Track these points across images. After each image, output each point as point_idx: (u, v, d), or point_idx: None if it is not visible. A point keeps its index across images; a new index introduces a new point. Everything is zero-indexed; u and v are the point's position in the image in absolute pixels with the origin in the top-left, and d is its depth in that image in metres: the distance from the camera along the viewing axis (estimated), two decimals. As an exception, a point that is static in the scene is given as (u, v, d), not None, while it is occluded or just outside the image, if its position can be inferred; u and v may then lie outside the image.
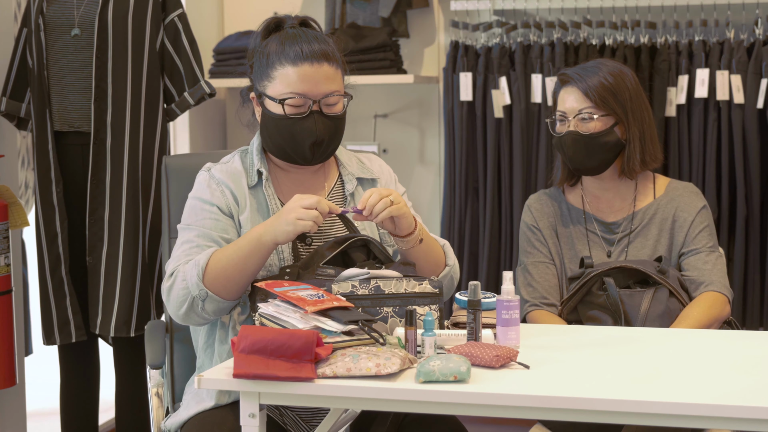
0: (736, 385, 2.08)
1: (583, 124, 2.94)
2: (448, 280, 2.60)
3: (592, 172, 2.98)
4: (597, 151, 2.94)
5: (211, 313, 2.44)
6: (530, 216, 3.06)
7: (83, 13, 3.50)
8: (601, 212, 3.04)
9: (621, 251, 2.99)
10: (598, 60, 3.02)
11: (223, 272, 2.40)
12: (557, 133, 2.98)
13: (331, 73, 2.51)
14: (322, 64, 2.49)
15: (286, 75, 2.49)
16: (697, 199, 3.02)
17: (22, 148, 3.81)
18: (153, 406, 2.73)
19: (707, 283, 2.90)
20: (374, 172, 2.68)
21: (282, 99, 2.49)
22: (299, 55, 2.48)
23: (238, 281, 2.41)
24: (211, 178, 2.56)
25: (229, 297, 2.43)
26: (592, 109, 2.93)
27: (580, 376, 2.15)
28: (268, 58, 2.52)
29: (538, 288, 2.98)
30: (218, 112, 4.82)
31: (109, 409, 4.13)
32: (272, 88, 2.51)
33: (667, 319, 2.82)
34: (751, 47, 4.09)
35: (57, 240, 3.50)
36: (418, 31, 4.62)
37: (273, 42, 2.54)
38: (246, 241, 2.41)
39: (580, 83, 2.94)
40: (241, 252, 2.40)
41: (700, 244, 2.96)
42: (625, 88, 2.95)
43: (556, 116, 2.99)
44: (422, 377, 2.07)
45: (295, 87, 2.49)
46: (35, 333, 3.93)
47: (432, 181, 4.68)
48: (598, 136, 2.93)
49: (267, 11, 4.77)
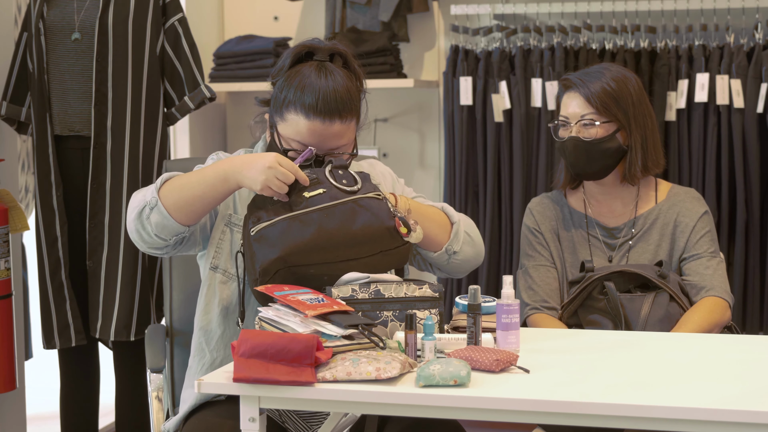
0: (736, 389, 2.08)
1: (584, 130, 2.94)
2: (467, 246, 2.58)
3: (594, 177, 2.98)
4: (598, 157, 2.94)
5: (154, 225, 2.43)
6: (532, 219, 3.06)
7: (83, 18, 3.50)
8: (603, 217, 3.04)
9: (622, 256, 2.99)
10: (602, 64, 3.02)
11: (179, 189, 2.41)
12: (560, 137, 2.98)
13: (341, 129, 2.47)
14: (333, 122, 2.45)
15: (296, 123, 2.46)
16: (698, 205, 3.02)
17: (23, 152, 3.82)
18: (153, 409, 2.73)
19: (708, 288, 2.90)
20: (375, 177, 2.68)
21: (286, 150, 2.48)
22: (313, 109, 2.44)
23: (191, 205, 2.42)
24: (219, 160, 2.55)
25: (176, 216, 2.42)
26: (593, 116, 2.93)
27: (580, 380, 2.15)
28: (286, 97, 2.48)
29: (538, 291, 2.98)
30: (218, 116, 4.82)
31: (109, 413, 4.13)
32: (282, 127, 2.49)
33: (667, 323, 2.81)
34: (751, 52, 4.09)
35: (57, 244, 3.51)
36: (419, 35, 4.63)
37: (296, 78, 2.48)
38: (212, 173, 2.40)
39: (583, 89, 2.93)
40: (204, 181, 2.40)
41: (701, 249, 2.96)
42: (628, 94, 2.94)
43: (558, 121, 2.99)
44: (422, 381, 2.07)
45: (302, 137, 2.46)
46: (35, 337, 3.93)
47: (432, 185, 4.68)
48: (600, 142, 2.93)
49: (267, 16, 4.77)
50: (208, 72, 4.54)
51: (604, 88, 2.92)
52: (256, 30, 4.72)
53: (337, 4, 4.56)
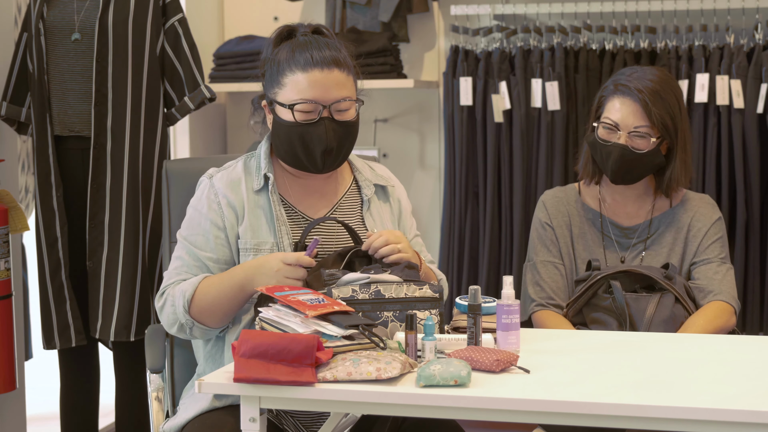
0: (737, 389, 2.08)
1: (635, 140, 2.89)
2: None
3: (627, 183, 2.96)
4: (640, 168, 2.91)
5: (199, 336, 2.54)
6: (544, 212, 3.04)
7: (83, 18, 3.50)
8: (617, 216, 3.02)
9: (635, 257, 2.98)
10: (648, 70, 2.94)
11: (208, 308, 2.48)
12: (603, 140, 2.92)
13: (341, 78, 2.50)
14: (332, 70, 2.49)
15: (296, 81, 2.49)
16: (712, 211, 3.01)
17: (23, 152, 3.82)
18: (153, 410, 2.73)
19: (716, 293, 2.90)
20: (388, 180, 2.69)
21: (292, 104, 2.49)
22: (309, 62, 2.48)
23: (222, 316, 2.50)
24: (211, 188, 2.56)
25: (215, 326, 2.52)
26: (649, 129, 2.88)
27: (581, 380, 2.15)
28: (279, 66, 2.52)
29: (545, 288, 2.97)
30: (218, 116, 4.82)
31: (109, 414, 4.13)
32: (283, 94, 2.51)
33: (671, 324, 2.81)
34: (751, 52, 4.09)
35: (57, 244, 3.50)
36: (419, 35, 4.63)
37: (284, 49, 2.54)
38: (229, 286, 2.47)
39: (640, 98, 2.87)
40: (223, 294, 2.47)
41: (712, 254, 2.95)
42: (678, 108, 2.91)
43: (603, 122, 2.92)
44: (423, 381, 2.07)
45: (304, 93, 2.49)
46: (35, 337, 3.93)
47: (432, 186, 4.68)
48: (648, 155, 2.90)
49: (267, 16, 4.78)
50: (208, 72, 4.54)
51: (662, 100, 2.87)
52: (256, 30, 4.72)
53: (337, 5, 4.56)
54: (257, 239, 2.51)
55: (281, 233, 2.52)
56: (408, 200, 2.74)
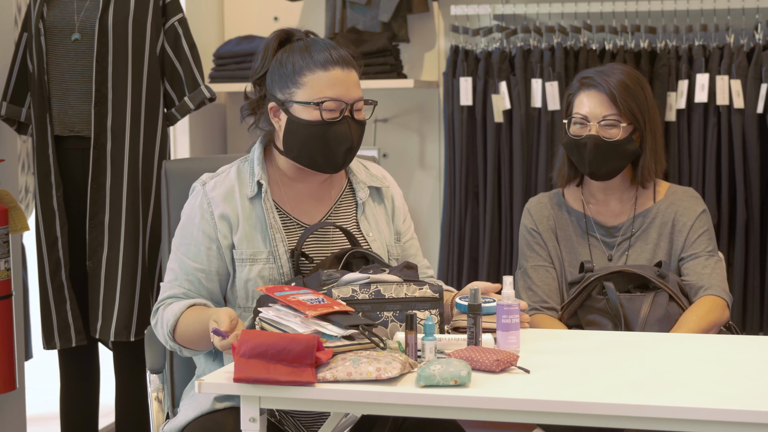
0: (736, 389, 2.08)
1: (606, 130, 2.93)
2: None
3: (605, 177, 2.97)
4: (615, 158, 2.93)
5: (191, 355, 2.57)
6: (530, 219, 3.06)
7: (83, 18, 3.50)
8: (602, 216, 3.04)
9: (621, 255, 2.99)
10: (613, 65, 3.01)
11: (190, 339, 2.49)
12: (575, 135, 2.96)
13: (357, 79, 2.52)
14: (351, 70, 2.51)
15: (317, 80, 2.48)
16: (696, 204, 3.02)
17: (23, 152, 3.82)
18: (153, 410, 2.73)
19: (706, 288, 2.90)
20: (382, 180, 2.68)
21: (319, 102, 2.47)
22: (329, 60, 2.48)
23: (205, 347, 2.50)
24: (204, 196, 2.54)
25: (201, 350, 2.53)
26: (617, 117, 2.92)
27: (580, 380, 2.15)
28: (294, 66, 2.50)
29: (538, 292, 2.98)
30: (218, 116, 4.82)
31: (109, 414, 4.13)
32: (302, 94, 2.49)
33: (666, 323, 2.81)
34: (751, 52, 4.09)
35: (57, 244, 3.51)
36: (419, 35, 4.63)
37: (294, 51, 2.52)
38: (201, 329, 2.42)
39: (605, 88, 2.92)
40: (197, 335, 2.45)
41: (699, 248, 2.96)
42: (644, 97, 2.95)
43: (573, 118, 2.97)
44: (423, 381, 2.07)
45: (328, 91, 2.48)
46: (35, 337, 3.93)
47: (432, 186, 4.68)
48: (620, 143, 2.92)
49: (267, 16, 4.78)
50: (208, 72, 4.54)
51: (628, 89, 2.92)
52: (256, 30, 4.72)
53: (337, 5, 4.56)
54: (252, 249, 2.51)
55: (276, 241, 2.51)
56: (403, 200, 2.73)
